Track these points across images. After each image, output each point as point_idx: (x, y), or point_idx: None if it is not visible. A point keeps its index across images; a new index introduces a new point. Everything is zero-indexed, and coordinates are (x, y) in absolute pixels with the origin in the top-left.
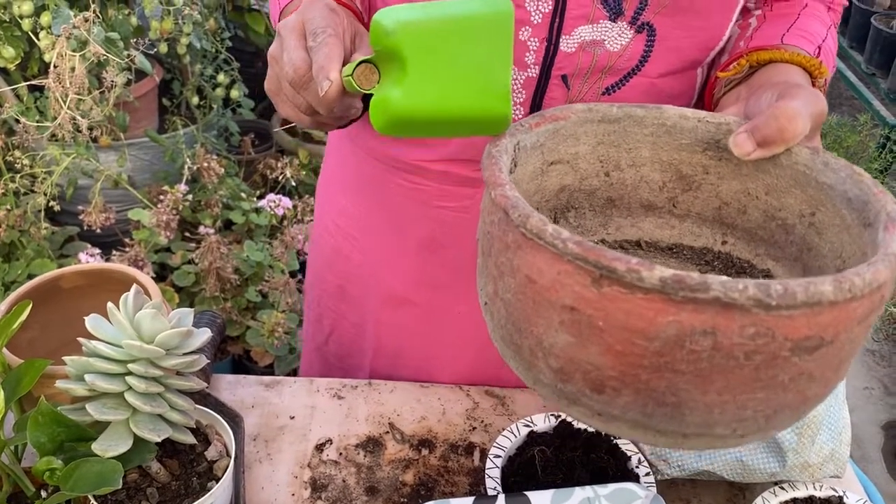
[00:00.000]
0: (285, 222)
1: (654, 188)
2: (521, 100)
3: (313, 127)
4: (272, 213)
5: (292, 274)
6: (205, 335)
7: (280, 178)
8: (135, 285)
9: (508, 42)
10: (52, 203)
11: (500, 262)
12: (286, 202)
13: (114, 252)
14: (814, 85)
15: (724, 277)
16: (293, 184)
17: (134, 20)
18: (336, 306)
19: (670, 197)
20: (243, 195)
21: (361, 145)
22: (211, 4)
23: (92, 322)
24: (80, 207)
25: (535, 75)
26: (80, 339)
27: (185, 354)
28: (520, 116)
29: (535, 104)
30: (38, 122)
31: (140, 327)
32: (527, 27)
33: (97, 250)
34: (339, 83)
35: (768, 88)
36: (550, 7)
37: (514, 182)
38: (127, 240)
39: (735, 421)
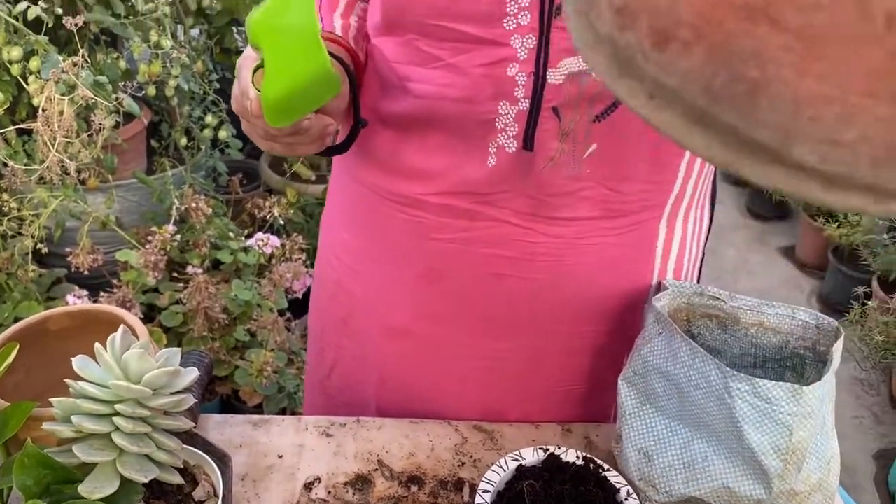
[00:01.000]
0: (273, 261)
1: None
2: (514, 133)
3: (288, 152)
4: (260, 251)
5: (281, 312)
6: (192, 374)
7: (268, 216)
8: (122, 326)
9: (310, 9)
10: (39, 245)
11: None
12: (274, 241)
13: (101, 294)
14: None
15: None
16: (281, 222)
17: (122, 64)
18: (338, 340)
19: None
20: (231, 234)
21: (361, 180)
22: (199, 47)
23: (79, 363)
24: (68, 249)
25: (525, 108)
26: (67, 381)
27: (172, 394)
28: (513, 151)
29: (528, 136)
30: (26, 165)
31: (127, 367)
32: (514, 64)
33: (85, 292)
34: (256, 98)
35: None
36: (535, 43)
37: None
38: (115, 281)
39: (828, 142)
